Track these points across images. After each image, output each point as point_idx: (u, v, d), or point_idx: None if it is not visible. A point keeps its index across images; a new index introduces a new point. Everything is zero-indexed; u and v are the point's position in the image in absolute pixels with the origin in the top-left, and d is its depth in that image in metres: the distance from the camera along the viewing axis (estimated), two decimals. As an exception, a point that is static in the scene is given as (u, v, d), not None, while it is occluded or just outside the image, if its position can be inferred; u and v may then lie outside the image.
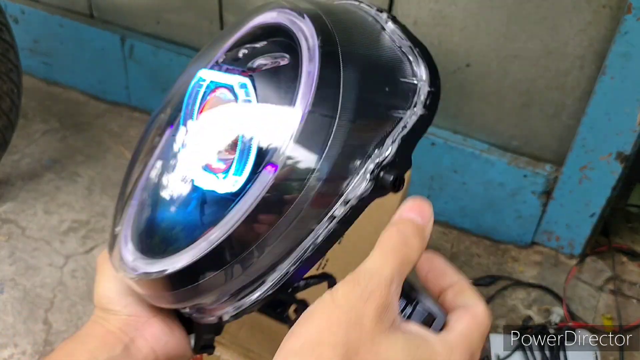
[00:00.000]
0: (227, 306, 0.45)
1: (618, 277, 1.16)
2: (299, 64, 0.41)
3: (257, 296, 0.43)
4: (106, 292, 0.52)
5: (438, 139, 1.17)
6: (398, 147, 0.41)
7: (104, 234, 1.23)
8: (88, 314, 1.07)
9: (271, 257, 0.42)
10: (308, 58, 0.40)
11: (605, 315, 1.09)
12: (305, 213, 0.40)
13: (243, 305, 0.44)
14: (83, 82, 1.62)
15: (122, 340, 0.51)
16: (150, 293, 0.48)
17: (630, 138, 1.00)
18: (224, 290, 0.44)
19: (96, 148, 1.45)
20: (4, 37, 1.16)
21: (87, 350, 0.49)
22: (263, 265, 0.42)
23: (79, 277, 1.14)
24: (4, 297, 1.09)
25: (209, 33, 1.36)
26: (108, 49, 1.50)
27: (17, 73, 1.20)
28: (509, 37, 1.02)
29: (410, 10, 1.08)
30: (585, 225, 1.14)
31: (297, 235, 0.41)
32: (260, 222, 0.40)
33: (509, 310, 1.10)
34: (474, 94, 1.12)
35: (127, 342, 0.51)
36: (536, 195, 1.14)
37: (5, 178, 1.35)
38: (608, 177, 1.06)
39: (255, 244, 0.40)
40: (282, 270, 0.42)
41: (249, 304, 0.43)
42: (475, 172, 1.17)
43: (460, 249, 1.22)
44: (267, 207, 0.40)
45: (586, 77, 1.01)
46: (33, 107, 1.58)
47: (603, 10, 0.93)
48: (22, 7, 1.56)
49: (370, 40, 0.43)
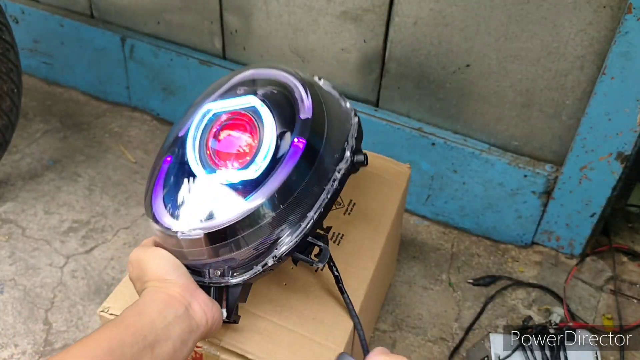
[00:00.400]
0: (265, 258, 0.64)
1: (618, 277, 1.16)
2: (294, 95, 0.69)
3: (291, 243, 0.64)
4: (161, 265, 0.64)
5: (438, 139, 1.17)
6: (355, 142, 0.71)
7: (105, 234, 1.23)
8: (88, 313, 1.07)
9: (303, 208, 0.64)
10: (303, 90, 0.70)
11: (606, 315, 1.09)
12: (322, 174, 0.65)
13: (281, 254, 0.64)
14: (83, 82, 1.62)
15: (183, 303, 0.61)
16: (199, 249, 0.63)
17: (630, 138, 1.00)
18: (267, 241, 0.63)
19: (96, 148, 1.45)
20: (4, 37, 1.16)
21: (155, 310, 0.59)
22: (298, 214, 0.64)
23: (79, 277, 1.14)
24: (4, 297, 1.09)
25: (209, 33, 1.37)
26: (108, 49, 1.50)
27: (17, 73, 1.20)
28: (509, 37, 1.02)
29: (410, 10, 1.08)
30: (586, 225, 1.14)
31: (318, 191, 0.65)
32: (297, 180, 0.63)
33: (509, 310, 1.10)
34: (473, 94, 1.12)
35: (186, 305, 0.61)
36: (536, 195, 1.14)
37: (6, 178, 1.35)
38: (608, 177, 1.06)
39: (293, 196, 0.62)
40: (309, 218, 0.64)
41: (286, 249, 0.64)
42: (475, 172, 1.17)
43: (460, 249, 1.23)
44: (300, 169, 0.63)
45: (586, 77, 1.01)
46: (33, 107, 1.58)
47: (603, 10, 0.93)
48: (22, 7, 1.56)
49: (331, 97, 0.75)
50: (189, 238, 0.64)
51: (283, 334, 0.71)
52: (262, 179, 0.63)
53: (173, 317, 0.59)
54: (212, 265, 0.66)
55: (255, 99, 0.68)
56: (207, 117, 0.71)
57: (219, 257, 0.64)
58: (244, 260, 0.65)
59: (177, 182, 0.68)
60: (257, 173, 0.64)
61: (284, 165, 0.62)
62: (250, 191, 0.63)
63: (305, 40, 1.23)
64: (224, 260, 0.65)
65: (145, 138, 1.49)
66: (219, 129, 0.70)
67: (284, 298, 0.75)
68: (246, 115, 0.68)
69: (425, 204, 1.27)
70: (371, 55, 1.18)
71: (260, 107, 0.67)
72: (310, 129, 0.65)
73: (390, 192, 0.94)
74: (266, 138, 0.65)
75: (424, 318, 1.09)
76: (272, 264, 0.64)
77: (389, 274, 1.09)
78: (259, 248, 0.64)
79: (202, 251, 0.64)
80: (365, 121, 1.23)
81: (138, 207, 1.29)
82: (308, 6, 1.18)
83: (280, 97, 0.69)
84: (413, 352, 1.03)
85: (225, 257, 0.64)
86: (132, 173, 1.39)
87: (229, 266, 0.65)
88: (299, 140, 0.64)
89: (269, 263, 0.64)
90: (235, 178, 0.64)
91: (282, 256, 0.64)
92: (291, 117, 0.67)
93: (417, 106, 1.19)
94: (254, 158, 0.65)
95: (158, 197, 0.69)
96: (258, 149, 0.65)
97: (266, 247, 0.64)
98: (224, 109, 0.70)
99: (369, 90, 1.24)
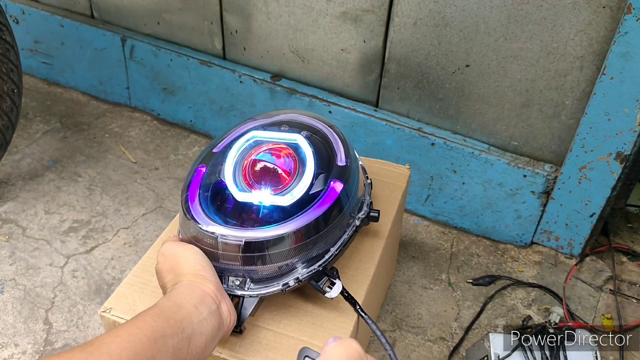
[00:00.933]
0: (287, 278, 0.71)
1: (618, 277, 1.16)
2: (329, 140, 0.78)
3: (312, 270, 0.71)
4: (198, 261, 0.68)
5: (438, 139, 1.17)
6: (370, 199, 0.82)
7: (105, 234, 1.23)
8: (89, 313, 1.07)
9: (327, 242, 0.72)
10: (335, 141, 0.79)
11: (605, 315, 1.09)
12: (346, 218, 0.74)
13: (303, 277, 0.70)
14: (83, 82, 1.62)
15: (215, 301, 0.64)
16: (234, 254, 0.68)
17: (630, 138, 1.00)
18: (291, 264, 0.70)
19: (97, 148, 1.46)
20: (5, 37, 1.16)
21: (192, 304, 0.61)
22: (322, 247, 0.72)
23: (79, 276, 1.14)
24: (5, 297, 1.10)
25: (210, 34, 1.37)
26: (109, 49, 1.50)
27: (18, 73, 1.20)
28: (508, 37, 1.02)
29: (410, 11, 1.08)
30: (585, 225, 1.14)
31: (341, 232, 0.74)
32: (328, 217, 0.71)
33: (508, 310, 1.10)
34: (473, 94, 1.12)
35: (218, 303, 0.64)
36: (536, 195, 1.14)
37: (6, 178, 1.35)
38: (608, 177, 1.06)
39: (324, 230, 0.71)
40: (331, 253, 0.73)
41: (307, 274, 0.71)
42: (475, 172, 1.17)
43: (460, 249, 1.23)
44: (334, 208, 0.71)
45: (586, 78, 1.01)
46: (34, 107, 1.58)
47: (603, 10, 0.93)
48: (22, 7, 1.57)
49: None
50: (226, 242, 0.68)
51: (283, 340, 0.72)
52: (293, 208, 0.70)
53: (207, 313, 0.61)
54: (235, 272, 0.70)
55: (301, 137, 0.77)
56: (249, 142, 0.78)
57: (246, 267, 0.70)
58: (266, 275, 0.71)
59: (213, 193, 0.74)
60: (290, 202, 0.71)
61: (321, 201, 0.71)
62: (285, 217, 0.70)
63: (305, 41, 1.24)
64: (248, 271, 0.70)
65: (145, 138, 1.49)
66: (259, 154, 0.76)
67: (283, 307, 0.76)
68: (288, 149, 0.76)
69: (425, 204, 1.27)
70: (371, 55, 1.18)
71: (304, 145, 0.75)
72: (346, 175, 0.74)
73: (391, 193, 0.94)
74: (307, 174, 0.73)
75: (423, 318, 1.09)
76: (292, 285, 0.70)
77: (388, 274, 1.10)
78: (283, 268, 0.70)
79: (236, 257, 0.69)
80: (365, 121, 1.23)
81: (138, 207, 1.29)
82: (308, 7, 1.18)
83: (319, 142, 0.78)
84: (413, 351, 1.03)
85: (252, 267, 0.70)
86: (132, 173, 1.39)
87: (250, 278, 0.71)
88: (336, 183, 0.73)
89: (290, 284, 0.70)
90: (269, 201, 0.71)
91: (302, 279, 0.71)
92: (327, 162, 0.75)
93: (416, 106, 1.20)
94: (290, 188, 0.72)
95: (195, 200, 0.74)
96: (295, 181, 0.73)
97: (290, 268, 0.71)
98: (269, 138, 0.78)
99: (369, 91, 1.24)
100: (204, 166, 0.78)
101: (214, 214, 0.72)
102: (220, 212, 0.72)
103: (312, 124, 0.81)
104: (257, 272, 0.70)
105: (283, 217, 0.70)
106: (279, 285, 0.70)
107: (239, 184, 0.74)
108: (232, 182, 0.74)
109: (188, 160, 1.44)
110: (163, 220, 1.27)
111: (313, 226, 0.69)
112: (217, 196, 0.74)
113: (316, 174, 0.73)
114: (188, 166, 1.42)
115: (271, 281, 0.71)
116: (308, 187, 0.72)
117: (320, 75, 1.28)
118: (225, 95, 1.39)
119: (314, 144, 0.76)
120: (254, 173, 0.75)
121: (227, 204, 0.72)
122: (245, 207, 0.72)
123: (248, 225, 0.70)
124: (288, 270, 0.71)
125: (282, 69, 1.32)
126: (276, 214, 0.70)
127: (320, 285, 0.71)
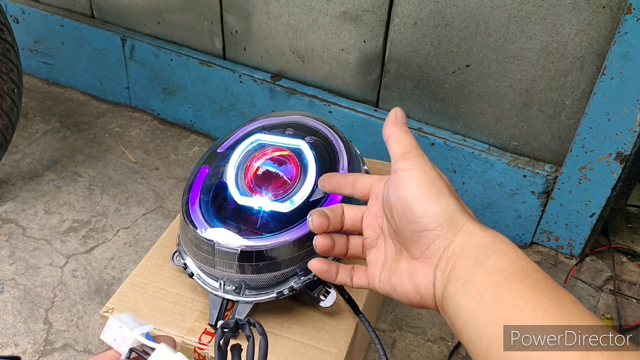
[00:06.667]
0: (282, 287, 0.71)
1: (618, 277, 1.16)
2: (332, 146, 0.78)
3: (308, 279, 0.70)
4: None
5: (438, 139, 1.17)
6: None
7: (105, 234, 1.23)
8: (89, 313, 1.07)
9: None
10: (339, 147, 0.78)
11: (605, 315, 1.09)
12: None
13: (298, 286, 0.70)
14: (84, 82, 1.62)
15: None
16: (229, 262, 0.69)
17: (630, 138, 1.00)
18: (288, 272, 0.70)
19: (97, 148, 1.46)
20: (5, 37, 1.16)
21: None
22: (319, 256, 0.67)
23: (79, 276, 1.14)
24: (4, 296, 1.10)
25: (210, 34, 1.37)
26: (109, 49, 1.50)
27: (18, 73, 1.20)
28: (508, 37, 1.02)
29: (410, 11, 1.08)
30: (585, 226, 1.14)
31: None
32: None
33: (508, 310, 1.10)
34: (473, 94, 1.12)
35: None
36: (536, 196, 1.14)
37: (6, 178, 1.35)
38: (608, 177, 1.06)
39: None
40: None
41: (303, 283, 0.70)
42: (475, 172, 1.17)
43: (460, 249, 1.22)
44: None
45: (586, 78, 1.01)
46: (33, 107, 1.58)
47: (603, 10, 0.93)
48: (22, 7, 1.57)
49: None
50: (223, 249, 0.69)
51: (285, 344, 0.72)
52: (292, 215, 0.70)
53: None
54: (231, 278, 0.71)
55: (305, 143, 0.76)
56: (253, 145, 0.78)
57: (242, 274, 0.70)
58: (262, 283, 0.71)
59: (214, 196, 0.74)
60: (290, 209, 0.70)
61: None
62: (284, 224, 0.69)
63: (305, 41, 1.24)
64: (243, 278, 0.70)
65: (145, 138, 1.49)
66: (261, 158, 0.76)
67: (284, 311, 0.76)
68: (291, 155, 0.75)
69: (425, 204, 1.27)
70: (371, 55, 1.18)
71: (307, 152, 0.75)
72: None
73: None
74: (308, 181, 0.72)
75: (423, 317, 1.09)
76: (287, 293, 0.71)
77: (388, 273, 1.09)
78: (279, 277, 0.71)
79: (232, 264, 0.70)
80: (365, 121, 1.23)
81: (138, 207, 1.29)
82: (308, 7, 1.18)
83: (323, 148, 0.77)
84: (413, 351, 1.03)
85: (247, 275, 0.70)
86: (132, 173, 1.39)
87: (246, 285, 0.71)
88: None
89: (284, 292, 0.70)
90: (268, 207, 0.71)
91: (297, 288, 0.71)
92: (329, 169, 0.74)
93: (416, 106, 1.20)
94: (290, 195, 0.72)
95: (195, 203, 0.74)
96: (295, 188, 0.72)
97: (286, 277, 0.71)
98: (273, 143, 0.77)
99: (369, 91, 1.24)
100: (207, 167, 0.77)
101: (213, 216, 0.72)
102: (220, 214, 0.72)
103: (317, 128, 0.81)
104: (253, 280, 0.71)
105: (282, 224, 0.70)
106: (274, 293, 0.71)
107: (240, 187, 0.74)
108: (234, 185, 0.74)
109: (188, 160, 1.44)
110: (163, 220, 1.27)
111: (311, 236, 0.68)
112: (217, 197, 0.74)
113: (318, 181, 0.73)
114: (188, 166, 1.42)
115: (266, 289, 0.71)
116: (308, 195, 0.72)
117: (320, 75, 1.28)
118: (226, 95, 1.39)
119: (317, 150, 0.76)
120: (256, 177, 0.74)
121: (228, 206, 0.72)
122: (245, 211, 0.72)
123: (247, 229, 0.70)
124: (284, 279, 0.71)
125: (282, 69, 1.32)
126: (276, 220, 0.70)
127: (315, 294, 0.72)
